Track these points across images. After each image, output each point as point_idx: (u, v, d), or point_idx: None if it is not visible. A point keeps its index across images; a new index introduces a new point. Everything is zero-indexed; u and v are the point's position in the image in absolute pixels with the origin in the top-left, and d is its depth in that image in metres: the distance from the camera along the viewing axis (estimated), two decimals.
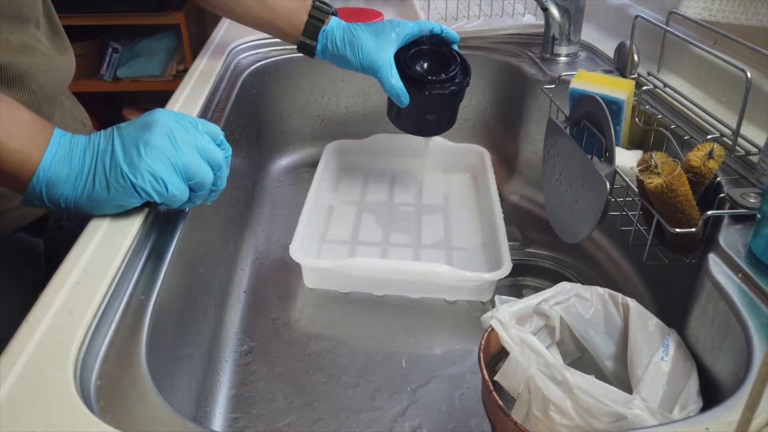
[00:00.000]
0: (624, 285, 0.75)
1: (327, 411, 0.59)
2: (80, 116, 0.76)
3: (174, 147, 0.49)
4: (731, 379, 0.44)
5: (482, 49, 1.00)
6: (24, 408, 0.37)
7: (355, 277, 0.72)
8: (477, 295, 0.72)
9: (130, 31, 2.14)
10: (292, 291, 0.75)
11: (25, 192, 0.48)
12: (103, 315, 0.44)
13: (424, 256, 0.80)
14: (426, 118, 0.80)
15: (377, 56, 0.74)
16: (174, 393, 0.50)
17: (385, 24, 0.77)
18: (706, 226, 0.54)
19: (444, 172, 0.98)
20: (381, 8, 1.11)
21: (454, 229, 0.85)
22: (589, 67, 0.87)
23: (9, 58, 0.58)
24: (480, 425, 0.57)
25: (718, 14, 0.73)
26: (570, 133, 0.68)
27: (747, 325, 0.43)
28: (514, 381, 0.47)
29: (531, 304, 0.53)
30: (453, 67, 0.77)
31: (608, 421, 0.42)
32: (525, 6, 1.08)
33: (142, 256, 0.51)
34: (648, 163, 0.54)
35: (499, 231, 0.76)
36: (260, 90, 0.97)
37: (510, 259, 0.70)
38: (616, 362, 0.54)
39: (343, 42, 0.76)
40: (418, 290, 0.73)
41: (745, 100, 0.58)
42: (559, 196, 0.69)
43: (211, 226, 0.67)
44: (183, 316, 0.56)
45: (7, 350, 0.40)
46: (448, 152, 0.97)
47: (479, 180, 0.94)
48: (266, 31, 0.82)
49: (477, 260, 0.79)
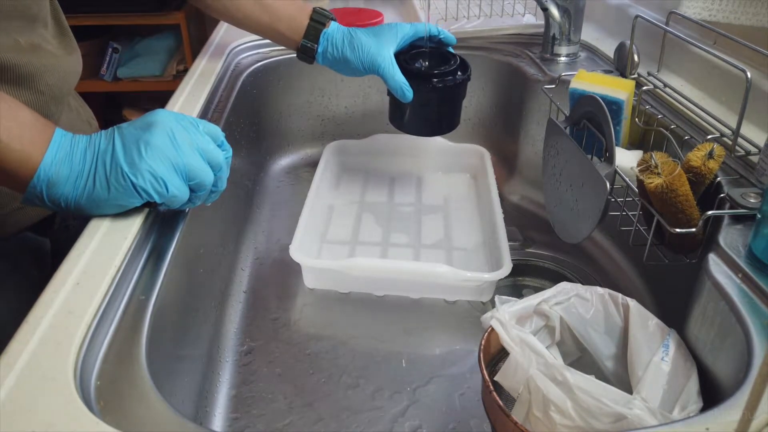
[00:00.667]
0: (624, 285, 0.75)
1: (327, 411, 0.59)
2: (86, 116, 0.76)
3: (175, 147, 0.49)
4: (731, 379, 0.44)
5: (482, 49, 1.00)
6: (24, 408, 0.37)
7: (355, 277, 0.72)
8: (477, 295, 0.72)
9: (130, 31, 2.14)
10: (292, 291, 0.75)
11: (25, 191, 0.48)
12: (103, 315, 0.44)
13: (424, 257, 0.80)
14: (429, 117, 0.80)
15: (378, 53, 0.75)
16: (174, 393, 0.50)
17: (383, 26, 0.78)
18: (706, 226, 0.54)
19: (444, 172, 0.98)
20: (381, 8, 1.11)
21: (454, 229, 0.85)
22: (589, 67, 0.87)
23: (18, 58, 0.58)
24: (480, 425, 0.57)
25: (718, 14, 0.73)
26: (570, 133, 0.68)
27: (747, 325, 0.43)
28: (514, 381, 0.47)
29: (531, 304, 0.53)
30: (453, 62, 0.77)
31: (608, 422, 0.42)
32: (525, 6, 1.08)
33: (142, 256, 0.51)
34: (648, 163, 0.54)
35: (499, 231, 0.76)
36: (260, 90, 0.97)
37: (510, 260, 0.70)
38: (616, 362, 0.54)
39: (344, 42, 0.76)
40: (418, 290, 0.73)
41: (745, 100, 0.58)
42: (559, 196, 0.69)
43: (211, 226, 0.67)
44: (183, 316, 0.56)
45: (7, 350, 0.40)
46: (448, 152, 0.97)
47: (479, 180, 0.94)
48: (266, 35, 0.82)
49: (477, 260, 0.79)
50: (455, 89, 0.78)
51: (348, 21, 1.03)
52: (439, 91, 0.77)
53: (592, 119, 0.64)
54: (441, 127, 0.83)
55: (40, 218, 0.66)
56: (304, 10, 0.79)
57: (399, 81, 0.74)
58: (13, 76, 0.58)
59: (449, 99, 0.79)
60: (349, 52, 0.76)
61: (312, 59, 0.80)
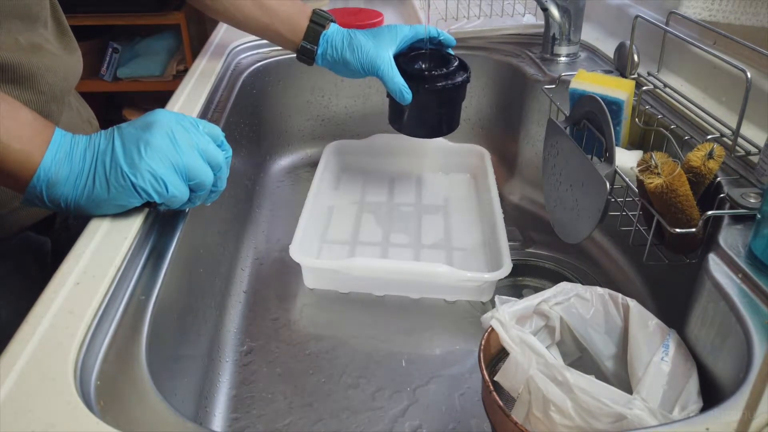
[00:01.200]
0: (624, 285, 0.75)
1: (327, 411, 0.59)
2: (87, 115, 0.76)
3: (174, 147, 0.49)
4: (731, 379, 0.44)
5: (482, 49, 1.00)
6: (24, 408, 0.37)
7: (356, 277, 0.72)
8: (477, 295, 0.72)
9: (130, 31, 2.14)
10: (292, 291, 0.75)
11: (25, 192, 0.48)
12: (103, 315, 0.44)
13: (424, 257, 0.80)
14: (429, 119, 0.80)
15: (377, 55, 0.75)
16: (174, 393, 0.50)
17: (382, 28, 0.78)
18: (706, 226, 0.54)
19: (444, 172, 0.98)
20: (381, 8, 1.11)
21: (454, 229, 0.85)
22: (589, 67, 0.87)
23: (19, 58, 0.58)
24: (480, 425, 0.57)
25: (718, 14, 0.73)
26: (570, 133, 0.68)
27: (747, 325, 0.43)
28: (514, 381, 0.47)
29: (531, 304, 0.53)
30: (452, 63, 0.77)
31: (608, 422, 0.42)
32: (525, 6, 1.08)
33: (142, 256, 0.51)
34: (648, 163, 0.54)
35: (499, 231, 0.76)
36: (260, 90, 0.97)
37: (510, 260, 0.70)
38: (616, 362, 0.54)
39: (343, 44, 0.76)
40: (418, 290, 0.73)
41: (745, 100, 0.58)
42: (559, 197, 0.69)
43: (211, 226, 0.67)
44: (183, 316, 0.56)
45: (7, 350, 0.40)
46: (448, 152, 0.97)
47: (479, 180, 0.94)
48: (266, 36, 0.82)
49: (477, 260, 0.79)
50: (454, 91, 0.78)
51: (348, 21, 1.03)
52: (437, 94, 0.77)
53: (592, 119, 0.64)
54: (440, 129, 0.82)
55: (41, 218, 0.67)
56: (303, 11, 0.79)
57: (398, 83, 0.74)
58: (14, 76, 0.58)
59: (448, 101, 0.79)
60: (349, 54, 0.76)
61: (312, 61, 0.80)
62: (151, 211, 0.55)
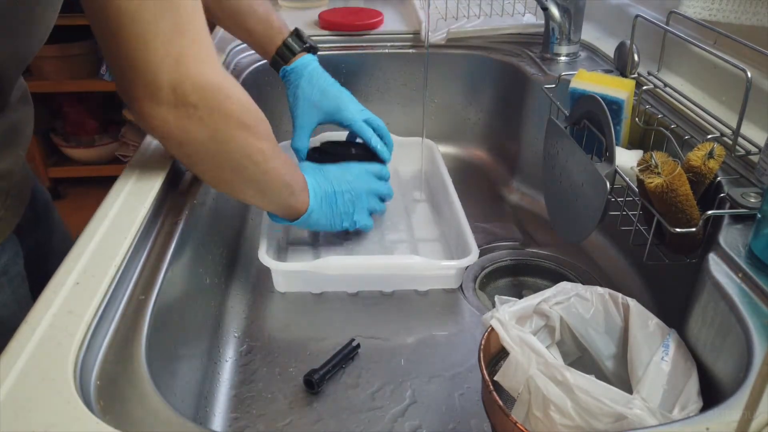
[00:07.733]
0: (624, 285, 0.75)
1: (327, 411, 0.59)
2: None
3: (369, 201, 0.75)
4: (731, 379, 0.44)
5: (482, 49, 1.00)
6: (24, 408, 0.37)
7: (328, 277, 0.72)
8: (448, 282, 0.74)
9: None
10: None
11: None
12: (103, 315, 0.44)
13: (391, 252, 0.80)
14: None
15: (345, 108, 0.80)
16: (174, 393, 0.50)
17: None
18: (706, 226, 0.54)
19: (394, 165, 0.95)
20: (381, 8, 1.11)
21: (414, 222, 0.86)
22: (590, 67, 0.87)
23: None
24: (480, 425, 0.57)
25: (718, 14, 0.73)
26: (570, 133, 0.68)
27: (747, 325, 0.43)
28: (514, 381, 0.47)
29: (531, 304, 0.53)
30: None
31: (608, 421, 0.42)
32: (525, 6, 1.08)
33: (142, 256, 0.51)
34: (648, 163, 0.54)
35: (460, 218, 0.77)
36: (260, 90, 0.97)
37: (476, 244, 0.71)
38: (616, 362, 0.54)
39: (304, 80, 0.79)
40: (389, 284, 0.74)
41: (745, 99, 0.58)
42: (559, 197, 0.69)
43: (211, 225, 0.67)
44: (183, 316, 0.56)
45: (7, 350, 0.40)
46: (396, 146, 0.91)
47: (432, 171, 0.93)
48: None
49: (444, 249, 0.80)
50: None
51: (348, 21, 1.03)
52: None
53: (593, 119, 0.64)
54: None
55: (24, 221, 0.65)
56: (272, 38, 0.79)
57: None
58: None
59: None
60: (306, 85, 0.79)
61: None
62: (150, 212, 0.55)
